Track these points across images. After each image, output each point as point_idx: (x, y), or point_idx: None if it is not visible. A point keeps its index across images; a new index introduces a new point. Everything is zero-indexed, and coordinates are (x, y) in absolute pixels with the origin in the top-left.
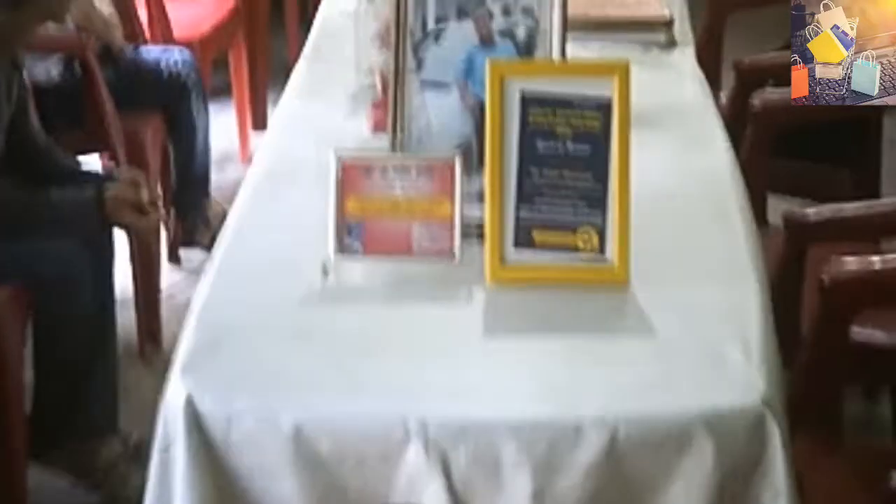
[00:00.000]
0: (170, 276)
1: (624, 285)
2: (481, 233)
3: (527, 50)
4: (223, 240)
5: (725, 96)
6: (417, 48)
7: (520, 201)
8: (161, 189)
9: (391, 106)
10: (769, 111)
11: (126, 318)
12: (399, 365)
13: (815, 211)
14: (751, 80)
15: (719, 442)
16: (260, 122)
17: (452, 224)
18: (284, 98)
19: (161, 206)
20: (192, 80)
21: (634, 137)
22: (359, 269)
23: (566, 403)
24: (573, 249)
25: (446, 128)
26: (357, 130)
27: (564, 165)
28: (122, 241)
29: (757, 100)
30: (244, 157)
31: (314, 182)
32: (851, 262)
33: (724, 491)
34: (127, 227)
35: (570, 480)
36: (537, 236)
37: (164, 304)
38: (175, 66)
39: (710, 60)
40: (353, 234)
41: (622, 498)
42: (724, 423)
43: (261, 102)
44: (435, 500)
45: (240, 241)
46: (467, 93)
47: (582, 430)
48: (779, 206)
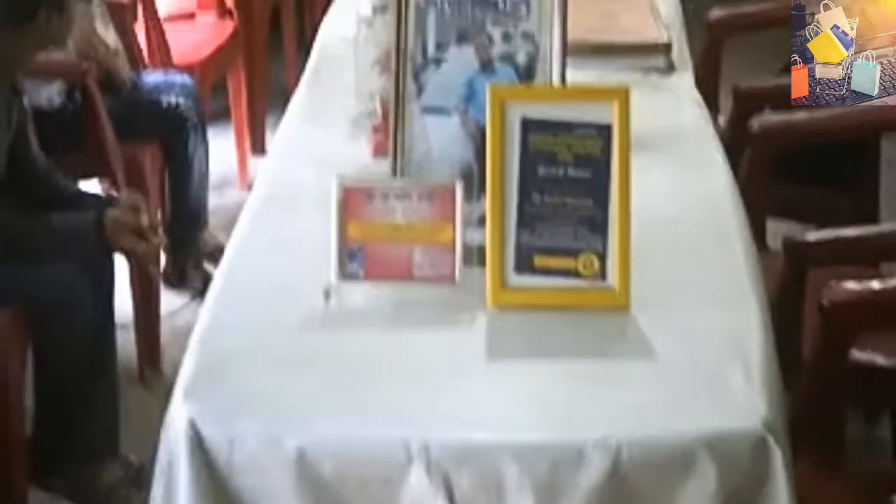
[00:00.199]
0: (169, 299)
1: (625, 309)
2: (482, 257)
3: (527, 75)
4: (225, 263)
5: (724, 120)
6: (418, 74)
7: (521, 226)
8: (160, 215)
9: (392, 131)
10: (768, 134)
11: (126, 341)
12: (401, 388)
13: (814, 235)
14: (749, 105)
15: (721, 465)
16: (258, 147)
17: (453, 249)
18: (284, 123)
19: (161, 231)
20: (192, 112)
21: (634, 161)
22: (360, 293)
23: (568, 426)
24: (574, 274)
25: (447, 153)
26: (357, 155)
27: (565, 190)
28: (121, 265)
29: (755, 123)
30: (242, 181)
31: (315, 207)
32: (850, 285)
33: None
34: (127, 251)
35: (572, 503)
36: (538, 261)
37: (164, 327)
38: (175, 98)
39: (708, 84)
40: (354, 258)
41: None
42: (727, 446)
43: (259, 127)
44: None
45: (241, 266)
46: (468, 118)
47: (584, 453)
48: (778, 230)
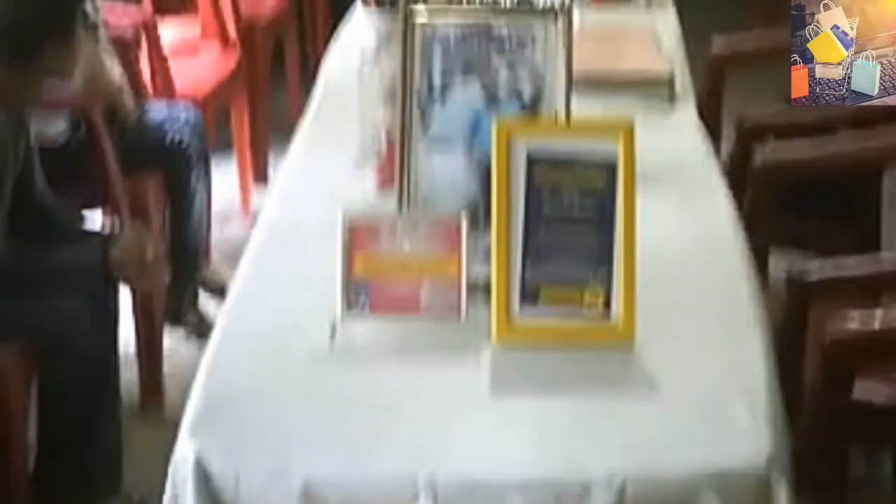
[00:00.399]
0: (169, 335)
1: (629, 344)
2: (488, 291)
3: (532, 107)
4: (231, 298)
5: (726, 151)
6: (424, 107)
7: (526, 259)
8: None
9: (398, 165)
10: (770, 170)
11: (128, 375)
12: (407, 423)
13: (816, 268)
14: (752, 136)
15: (726, 501)
16: (261, 178)
17: (459, 283)
18: (289, 155)
19: (165, 264)
20: (196, 148)
21: (637, 195)
22: (367, 327)
23: (573, 461)
24: (579, 307)
25: (452, 186)
26: (362, 188)
27: (570, 223)
28: (125, 298)
29: (758, 159)
30: (246, 213)
31: (320, 240)
32: (852, 322)
33: None
34: (132, 284)
35: None
36: (544, 294)
37: (166, 362)
38: (179, 133)
39: (711, 116)
40: (360, 293)
41: None
42: (731, 482)
43: (262, 158)
44: None
45: (247, 300)
46: (473, 152)
47: (589, 488)
48: (781, 259)
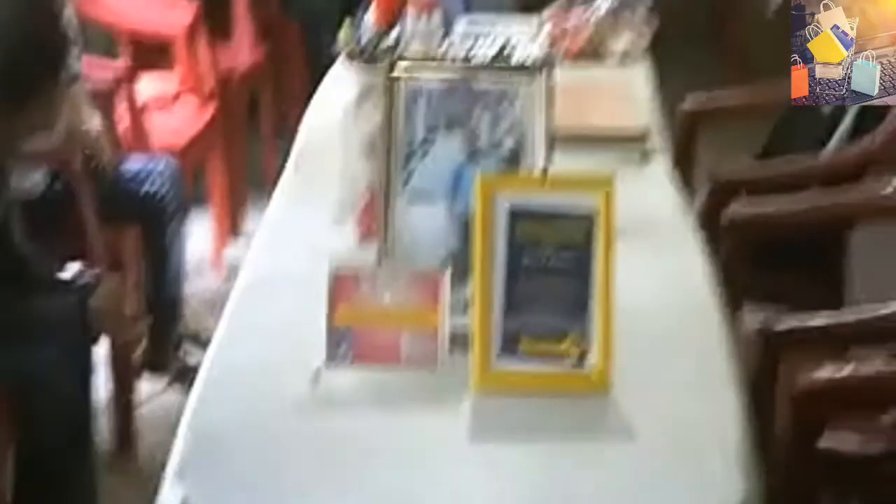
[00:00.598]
0: (145, 385)
1: (607, 392)
2: (468, 343)
3: (513, 161)
4: (214, 346)
5: (699, 205)
6: (406, 161)
7: (506, 311)
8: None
9: (380, 217)
10: (741, 226)
11: (101, 425)
12: (389, 469)
13: (785, 323)
14: (724, 192)
15: None
16: (235, 231)
17: (439, 334)
18: (270, 207)
19: (143, 317)
20: (173, 199)
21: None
22: (348, 375)
23: None
24: (558, 357)
25: (433, 239)
26: (343, 240)
27: (550, 276)
28: (100, 348)
29: (730, 214)
30: (220, 266)
31: (301, 291)
32: (821, 372)
33: None
34: (109, 335)
35: None
36: (523, 344)
37: (140, 413)
38: (156, 185)
39: (684, 171)
40: (343, 342)
41: None
42: None
43: (237, 211)
44: None
45: (230, 348)
46: (454, 205)
47: None
48: (752, 314)
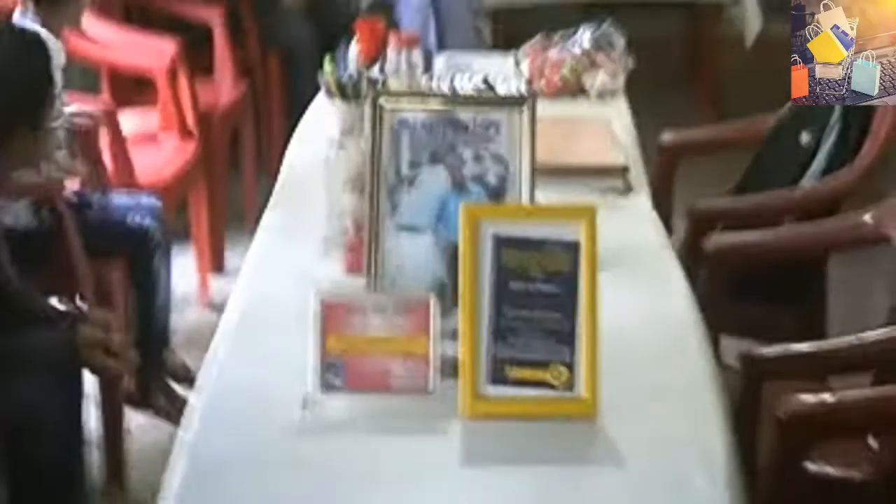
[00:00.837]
0: (133, 418)
1: (593, 417)
2: (456, 369)
3: (497, 194)
4: (203, 376)
5: (677, 239)
6: (392, 193)
7: (494, 338)
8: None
9: (367, 249)
10: (721, 255)
11: (91, 458)
12: (379, 494)
13: (768, 350)
14: (702, 225)
15: None
16: (218, 266)
17: (429, 361)
18: (256, 241)
19: (130, 348)
20: (157, 232)
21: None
22: (339, 402)
23: None
24: (545, 385)
25: (420, 268)
26: (330, 272)
27: (536, 304)
28: (88, 381)
29: (710, 244)
30: (203, 300)
31: (291, 321)
32: (805, 398)
33: None
34: (97, 369)
35: None
36: (510, 371)
37: (132, 443)
38: (141, 218)
39: (663, 205)
40: (333, 370)
41: None
42: None
43: (219, 247)
44: None
45: (222, 378)
46: (440, 235)
47: None
48: (732, 347)
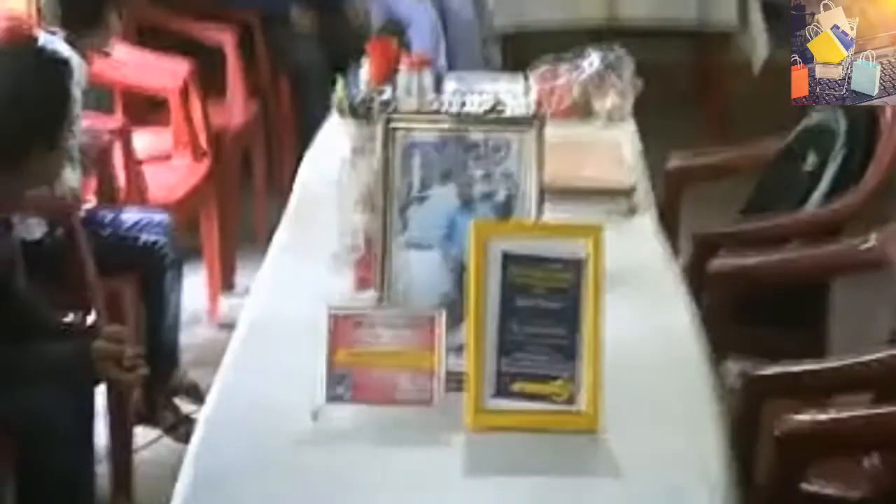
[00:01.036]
0: (141, 433)
1: (595, 431)
2: (462, 383)
3: (505, 212)
4: (216, 386)
5: (683, 261)
6: (403, 210)
7: (499, 353)
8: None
9: (378, 265)
10: (723, 277)
11: (99, 471)
12: (387, 500)
13: (769, 369)
14: (707, 249)
15: None
16: (228, 285)
17: (435, 374)
18: (269, 257)
19: (143, 362)
20: (169, 249)
21: (603, 294)
22: (347, 413)
23: None
24: (548, 398)
25: (428, 284)
26: (341, 287)
27: (541, 319)
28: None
29: (713, 266)
30: (213, 318)
31: (301, 335)
32: (804, 417)
33: None
34: (110, 381)
35: None
36: (515, 385)
37: (139, 459)
38: (153, 235)
39: (669, 229)
40: (342, 382)
41: None
42: None
43: (230, 265)
44: None
45: (232, 389)
46: (449, 252)
47: None
48: (734, 368)
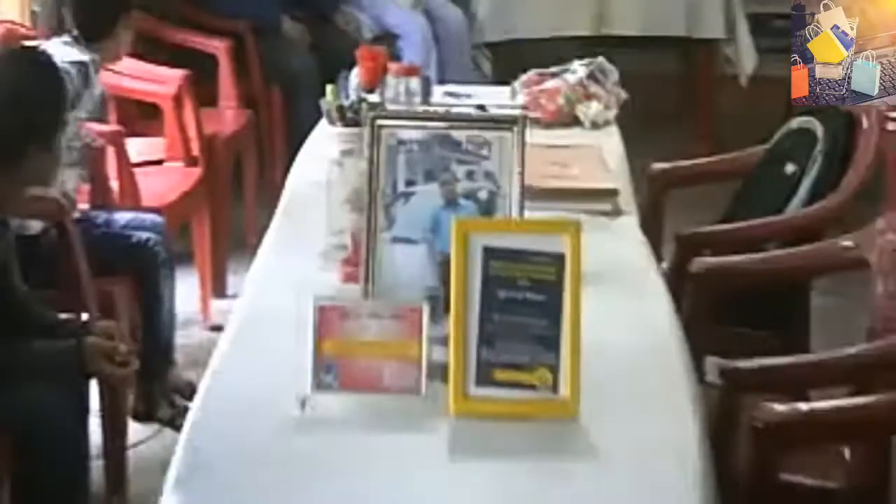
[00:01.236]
0: (136, 430)
1: (575, 418)
2: (446, 373)
3: (488, 210)
4: (208, 376)
5: (665, 265)
6: (388, 207)
7: (481, 343)
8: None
9: (364, 260)
10: (706, 275)
11: (93, 468)
12: (371, 486)
13: (747, 363)
14: (690, 250)
15: None
16: (220, 290)
17: (419, 363)
18: (260, 255)
19: (135, 357)
20: (162, 248)
21: (584, 293)
22: (333, 401)
23: None
24: (529, 386)
25: (414, 278)
26: (328, 282)
27: (522, 311)
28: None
29: (695, 265)
30: (206, 322)
31: (291, 326)
32: (781, 407)
33: None
34: (103, 377)
35: None
36: (497, 374)
37: (135, 455)
38: (145, 234)
39: (652, 233)
40: (329, 371)
41: None
42: None
43: (221, 271)
44: None
45: (225, 376)
46: (433, 248)
47: None
48: (713, 366)
